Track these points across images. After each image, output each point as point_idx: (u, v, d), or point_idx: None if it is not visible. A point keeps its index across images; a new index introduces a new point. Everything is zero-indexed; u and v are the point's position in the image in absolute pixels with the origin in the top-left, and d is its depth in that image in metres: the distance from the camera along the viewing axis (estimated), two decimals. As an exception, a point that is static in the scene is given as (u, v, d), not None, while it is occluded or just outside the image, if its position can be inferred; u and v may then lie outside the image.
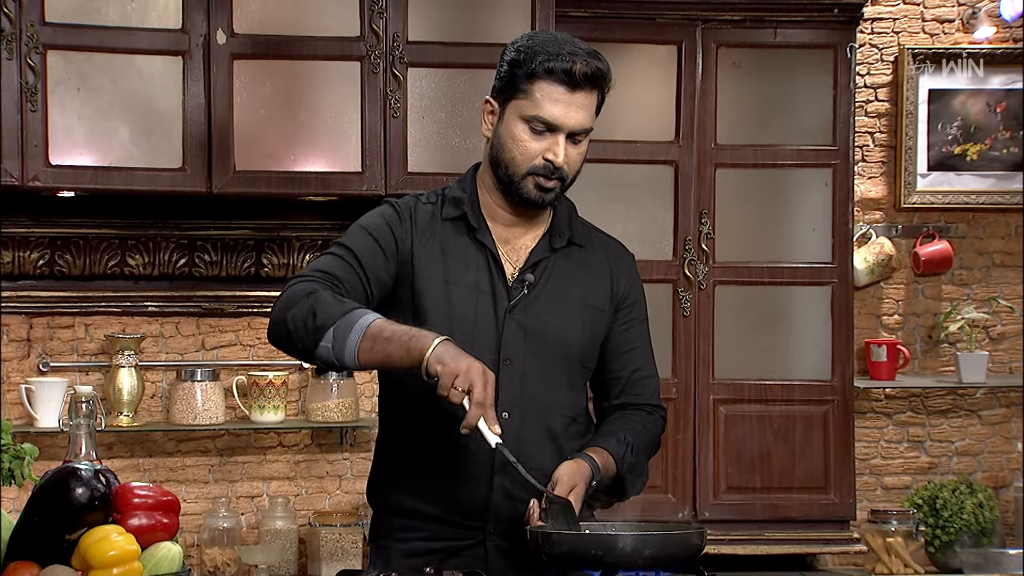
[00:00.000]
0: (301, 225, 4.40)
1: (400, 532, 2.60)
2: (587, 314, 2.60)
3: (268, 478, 4.46)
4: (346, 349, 2.33)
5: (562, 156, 2.49)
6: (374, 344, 2.32)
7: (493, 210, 2.59)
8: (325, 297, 2.38)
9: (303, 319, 2.36)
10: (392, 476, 2.62)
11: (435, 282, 2.53)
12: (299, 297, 2.39)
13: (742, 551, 4.31)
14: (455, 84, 4.10)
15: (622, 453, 2.53)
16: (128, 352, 4.23)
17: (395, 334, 2.33)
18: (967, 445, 4.85)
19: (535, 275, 2.56)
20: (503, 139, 2.52)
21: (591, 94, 2.51)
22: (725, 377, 4.37)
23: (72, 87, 3.93)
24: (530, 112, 2.48)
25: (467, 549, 2.55)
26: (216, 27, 3.98)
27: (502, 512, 2.51)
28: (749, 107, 4.44)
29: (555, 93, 2.47)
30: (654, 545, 2.24)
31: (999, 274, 4.87)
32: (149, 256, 4.31)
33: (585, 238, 2.65)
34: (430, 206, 2.60)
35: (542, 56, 2.48)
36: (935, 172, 4.80)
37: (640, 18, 4.33)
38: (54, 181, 3.92)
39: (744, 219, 4.43)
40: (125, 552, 2.17)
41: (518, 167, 2.51)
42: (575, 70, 2.47)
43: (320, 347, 2.35)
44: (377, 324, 2.34)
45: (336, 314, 2.35)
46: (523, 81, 2.49)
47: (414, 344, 2.31)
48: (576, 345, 2.58)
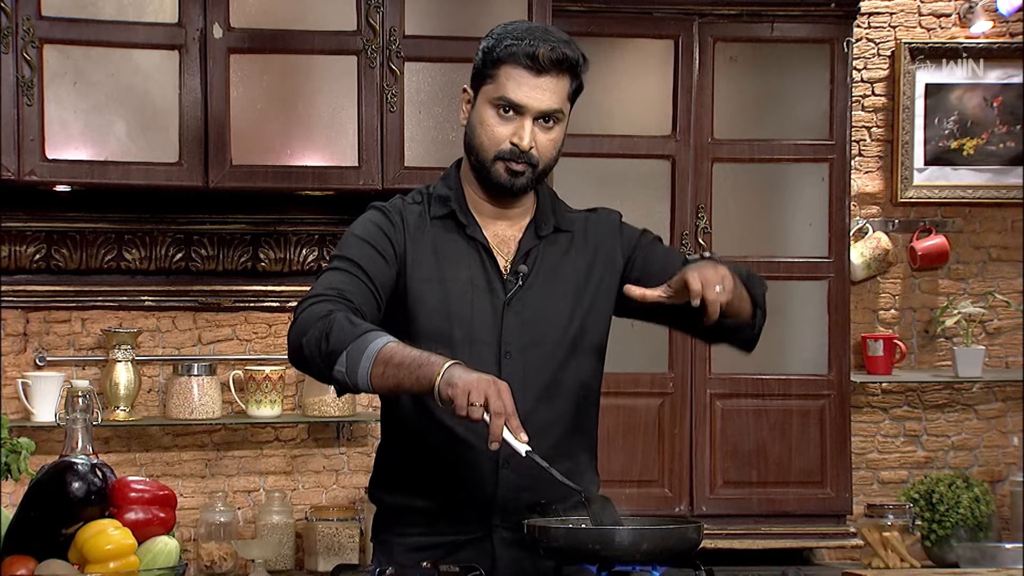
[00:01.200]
0: (298, 219, 4.39)
1: (403, 527, 2.59)
2: (587, 292, 2.58)
3: (265, 472, 4.46)
4: (359, 375, 2.32)
5: (527, 139, 2.48)
6: (385, 370, 2.31)
7: (478, 204, 2.59)
8: (338, 320, 2.37)
9: (317, 343, 2.36)
10: (395, 473, 2.61)
11: (430, 283, 2.53)
12: (314, 321, 2.38)
13: (739, 545, 4.31)
14: (452, 78, 4.09)
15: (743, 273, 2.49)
16: (125, 346, 4.22)
17: (404, 360, 2.30)
18: (963, 439, 4.85)
19: (527, 265, 2.57)
20: (474, 124, 2.53)
21: (560, 79, 2.50)
22: (722, 371, 4.38)
23: (68, 81, 3.92)
24: (495, 95, 2.49)
25: (472, 543, 2.54)
26: (212, 21, 3.97)
27: (508, 505, 2.50)
28: (746, 102, 4.44)
29: (519, 76, 2.48)
30: (651, 540, 2.24)
31: (995, 268, 4.87)
32: (146, 250, 4.31)
33: (569, 222, 2.64)
34: (417, 206, 2.60)
35: (508, 40, 2.50)
36: (932, 167, 4.81)
37: (637, 12, 4.33)
38: (50, 175, 3.92)
39: (741, 213, 4.43)
40: (121, 546, 2.17)
41: (487, 152, 2.51)
42: (539, 54, 2.47)
43: (335, 371, 2.35)
44: (387, 349, 2.32)
45: (348, 339, 2.33)
46: (490, 66, 2.50)
47: (423, 373, 2.29)
48: (574, 328, 2.57)
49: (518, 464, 2.40)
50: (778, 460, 4.37)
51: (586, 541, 2.25)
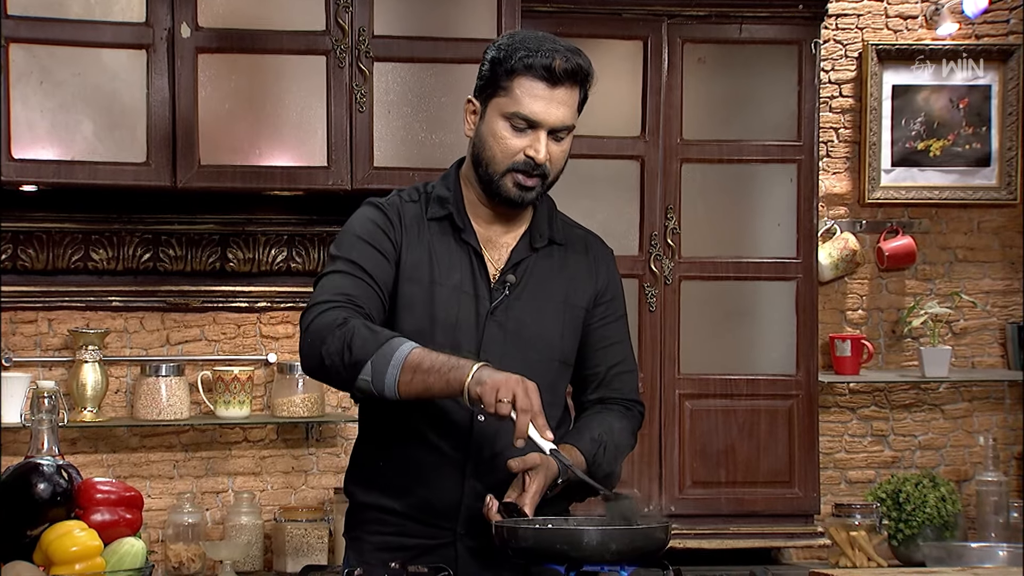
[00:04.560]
0: (267, 220, 4.38)
1: (373, 525, 2.61)
2: (568, 313, 2.60)
3: (233, 473, 4.45)
4: (386, 383, 2.34)
5: (543, 153, 2.49)
6: (413, 376, 2.33)
7: (476, 208, 2.59)
8: (358, 328, 2.37)
9: (339, 354, 2.36)
10: (368, 471, 2.62)
11: (420, 284, 2.53)
12: (330, 330, 2.38)
13: (707, 545, 4.32)
14: (421, 79, 4.09)
15: (594, 452, 2.53)
16: (92, 347, 4.20)
17: (434, 366, 2.33)
18: (930, 439, 4.88)
19: (516, 275, 2.57)
20: (484, 137, 2.52)
21: (572, 90, 2.51)
22: (691, 372, 4.39)
23: (35, 80, 3.90)
24: (510, 109, 2.49)
25: (438, 548, 2.55)
26: (180, 21, 3.96)
27: (473, 514, 2.51)
28: (715, 103, 4.45)
29: (535, 89, 2.48)
30: (619, 540, 2.25)
31: (962, 269, 4.90)
32: (113, 251, 4.29)
33: (565, 236, 2.65)
34: (414, 205, 2.59)
35: (522, 52, 2.48)
36: (899, 168, 4.83)
37: (606, 14, 4.34)
38: (16, 175, 3.89)
39: (710, 214, 4.44)
40: (87, 548, 2.16)
41: (498, 165, 2.51)
42: (555, 66, 2.47)
43: (359, 380, 2.36)
44: (415, 355, 2.34)
45: (372, 347, 2.35)
46: (504, 78, 2.49)
47: (453, 376, 2.32)
48: (557, 346, 2.59)
49: (484, 474, 2.41)
50: (746, 460, 4.38)
51: (554, 541, 2.26)
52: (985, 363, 4.90)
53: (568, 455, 2.48)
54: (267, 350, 4.45)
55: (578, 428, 2.61)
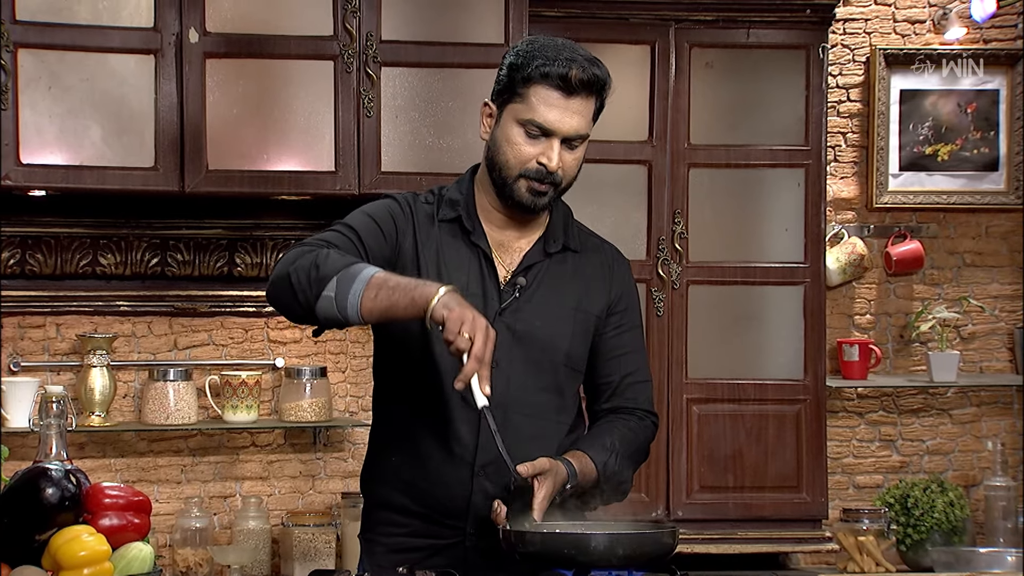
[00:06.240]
0: (274, 224, 4.39)
1: (386, 527, 2.62)
2: (578, 319, 2.60)
3: (241, 478, 4.45)
4: (349, 299, 2.31)
5: (555, 161, 2.50)
6: (378, 292, 2.31)
7: (489, 212, 2.60)
8: (330, 253, 2.39)
9: (306, 270, 2.35)
10: (381, 469, 2.64)
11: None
12: (302, 254, 2.39)
13: (715, 550, 4.32)
14: (429, 83, 4.10)
15: (604, 460, 2.53)
16: (100, 352, 4.21)
17: (400, 284, 2.32)
18: (938, 444, 4.87)
19: (527, 279, 2.57)
20: (499, 141, 2.53)
21: (588, 100, 2.52)
22: (698, 377, 4.39)
23: (43, 86, 3.91)
24: (525, 116, 2.49)
25: (447, 548, 2.56)
26: (188, 26, 3.96)
27: (481, 513, 2.51)
28: (722, 107, 4.45)
29: (551, 98, 2.48)
30: (627, 544, 2.25)
31: (970, 274, 4.90)
32: (121, 255, 4.30)
33: (580, 243, 2.66)
34: (428, 206, 2.61)
35: (539, 60, 2.49)
36: (907, 172, 4.83)
37: (613, 18, 4.34)
38: (25, 180, 3.90)
39: (717, 219, 4.44)
40: (96, 552, 2.16)
41: (511, 169, 2.52)
42: (571, 75, 2.47)
43: (322, 297, 2.33)
44: (381, 274, 2.33)
45: (340, 265, 2.34)
46: (520, 85, 2.50)
47: (419, 292, 2.30)
48: (564, 350, 2.59)
49: (493, 474, 2.41)
50: (754, 465, 4.38)
51: (562, 546, 2.26)
52: (993, 368, 4.89)
53: (578, 462, 2.48)
54: (275, 355, 4.46)
55: (590, 435, 2.61)
